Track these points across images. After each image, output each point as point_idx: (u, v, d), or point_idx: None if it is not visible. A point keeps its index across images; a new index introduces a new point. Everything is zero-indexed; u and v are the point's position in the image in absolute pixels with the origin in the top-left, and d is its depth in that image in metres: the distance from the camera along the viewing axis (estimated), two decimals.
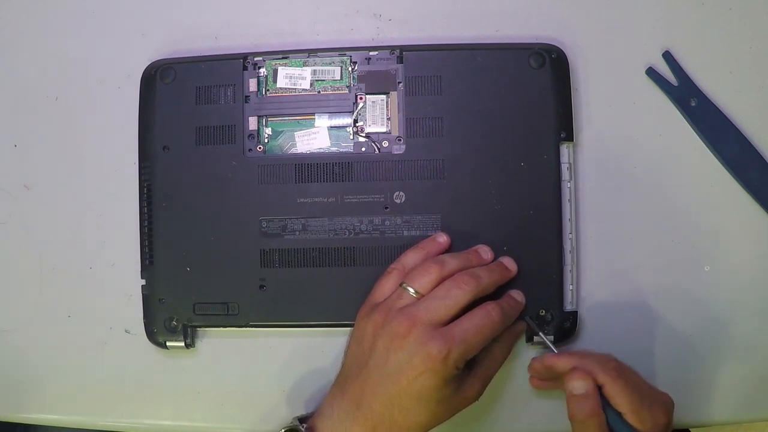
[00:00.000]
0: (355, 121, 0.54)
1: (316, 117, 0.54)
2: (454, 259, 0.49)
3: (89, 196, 0.57)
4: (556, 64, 0.53)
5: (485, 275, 0.49)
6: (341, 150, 0.54)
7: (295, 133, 0.54)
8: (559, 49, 0.54)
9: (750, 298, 0.54)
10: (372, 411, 0.46)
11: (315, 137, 0.54)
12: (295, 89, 0.54)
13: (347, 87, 0.54)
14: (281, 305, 0.53)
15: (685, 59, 0.55)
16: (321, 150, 0.54)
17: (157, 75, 0.54)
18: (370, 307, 0.49)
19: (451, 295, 0.47)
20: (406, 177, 0.53)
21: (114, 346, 0.56)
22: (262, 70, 0.54)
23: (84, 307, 0.57)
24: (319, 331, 0.55)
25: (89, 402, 0.56)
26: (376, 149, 0.54)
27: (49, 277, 0.57)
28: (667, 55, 0.55)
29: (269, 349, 0.56)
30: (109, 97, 0.57)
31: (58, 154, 0.57)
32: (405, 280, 0.49)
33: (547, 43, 0.54)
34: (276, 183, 0.53)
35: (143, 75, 0.55)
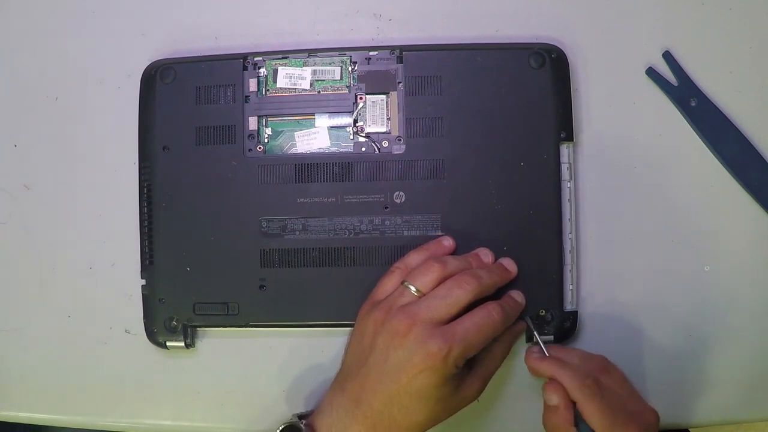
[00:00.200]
0: (355, 121, 0.54)
1: (316, 117, 0.54)
2: (456, 260, 0.50)
3: (89, 196, 0.57)
4: (556, 64, 0.53)
5: (486, 276, 0.49)
6: (341, 150, 0.54)
7: (295, 133, 0.54)
8: (559, 49, 0.54)
9: (750, 298, 0.54)
10: (371, 409, 0.46)
11: (315, 137, 0.54)
12: (295, 89, 0.54)
13: (347, 87, 0.54)
14: (281, 305, 0.53)
15: (685, 59, 0.55)
16: (321, 150, 0.54)
17: (157, 75, 0.54)
18: (372, 305, 0.49)
19: (452, 294, 0.47)
20: (406, 177, 0.53)
21: (114, 346, 0.56)
22: (262, 70, 0.54)
23: (84, 307, 0.57)
24: (319, 331, 0.55)
25: (89, 402, 0.56)
26: (376, 149, 0.54)
27: (49, 277, 0.57)
28: (667, 55, 0.55)
29: (269, 349, 0.56)
30: (109, 97, 0.57)
31: (58, 154, 0.57)
32: (407, 279, 0.49)
33: (547, 43, 0.54)
34: (276, 183, 0.53)
35: (143, 75, 0.55)
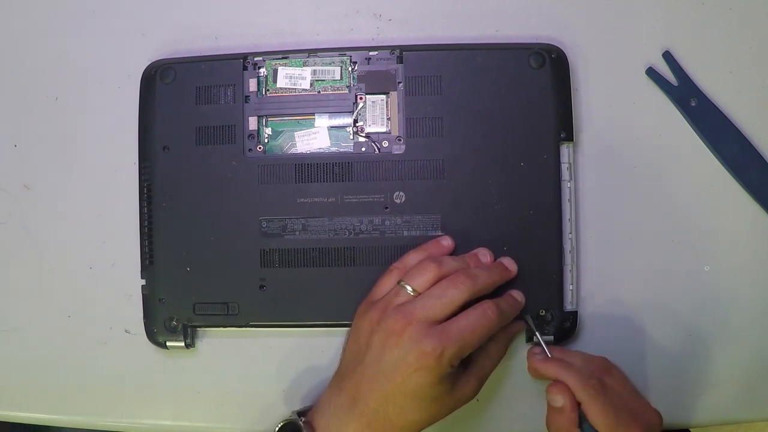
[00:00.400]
0: (355, 121, 0.54)
1: (316, 117, 0.54)
2: (452, 260, 0.50)
3: (89, 196, 0.57)
4: (556, 64, 0.53)
5: (483, 276, 0.49)
6: (341, 150, 0.54)
7: (295, 133, 0.54)
8: (559, 49, 0.54)
9: (750, 298, 0.54)
10: (367, 407, 0.46)
11: (315, 137, 0.54)
12: (295, 89, 0.54)
13: (347, 87, 0.54)
14: (281, 305, 0.53)
15: (685, 59, 0.55)
16: (321, 150, 0.54)
17: (157, 75, 0.54)
18: (368, 305, 0.49)
19: (448, 294, 0.47)
20: (406, 177, 0.53)
21: (114, 346, 0.56)
22: (262, 70, 0.54)
23: (84, 307, 0.57)
24: (319, 331, 0.55)
25: (89, 402, 0.56)
26: (376, 149, 0.54)
27: (49, 277, 0.57)
28: (667, 55, 0.55)
29: (269, 349, 0.56)
30: (109, 97, 0.57)
31: (58, 154, 0.57)
32: (403, 279, 0.49)
33: (547, 43, 0.54)
34: (276, 183, 0.53)
35: (143, 75, 0.55)
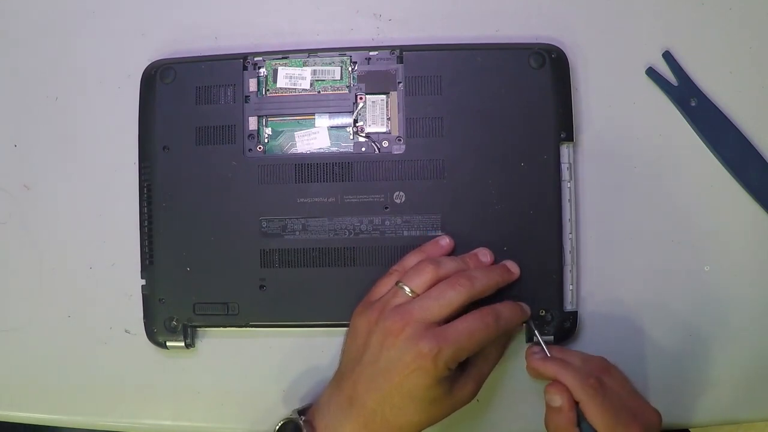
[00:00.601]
0: (355, 121, 0.54)
1: (316, 117, 0.54)
2: (451, 261, 0.50)
3: (89, 196, 0.57)
4: (556, 64, 0.53)
5: (481, 277, 0.49)
6: (341, 150, 0.54)
7: (295, 133, 0.54)
8: (559, 49, 0.54)
9: (750, 298, 0.54)
10: (365, 407, 0.46)
11: (315, 137, 0.54)
12: (295, 89, 0.54)
13: (347, 87, 0.54)
14: (281, 305, 0.53)
15: (685, 59, 0.55)
16: (321, 150, 0.54)
17: (157, 75, 0.54)
18: (366, 305, 0.49)
19: (445, 295, 0.47)
20: (406, 177, 0.53)
21: (114, 346, 0.56)
22: (262, 70, 0.54)
23: (84, 307, 0.57)
24: (318, 331, 0.55)
25: (89, 402, 0.56)
26: (376, 149, 0.54)
27: (49, 277, 0.57)
28: (667, 55, 0.55)
29: (269, 349, 0.56)
30: (109, 97, 0.57)
31: (58, 154, 0.57)
32: (401, 280, 0.49)
33: (547, 43, 0.54)
34: (276, 183, 0.53)
35: (143, 75, 0.55)
